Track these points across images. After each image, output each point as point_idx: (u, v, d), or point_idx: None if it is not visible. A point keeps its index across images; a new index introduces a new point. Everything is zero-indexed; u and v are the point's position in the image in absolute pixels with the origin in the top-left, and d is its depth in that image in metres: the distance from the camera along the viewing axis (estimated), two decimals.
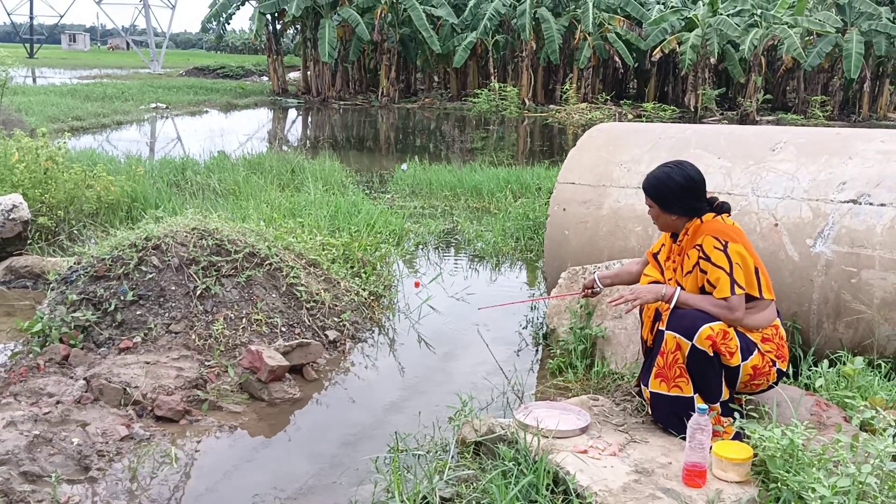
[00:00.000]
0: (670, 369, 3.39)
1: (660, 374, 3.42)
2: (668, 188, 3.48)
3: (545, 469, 3.03)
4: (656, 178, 3.53)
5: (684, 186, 3.46)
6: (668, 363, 3.39)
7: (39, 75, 39.83)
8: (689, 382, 3.36)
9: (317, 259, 5.73)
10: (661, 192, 3.50)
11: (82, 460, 3.46)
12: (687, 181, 3.47)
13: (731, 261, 3.32)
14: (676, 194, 3.47)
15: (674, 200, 3.48)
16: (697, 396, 3.36)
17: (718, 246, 3.34)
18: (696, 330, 3.29)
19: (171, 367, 4.31)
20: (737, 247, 3.36)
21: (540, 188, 9.94)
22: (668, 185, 3.48)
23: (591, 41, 30.91)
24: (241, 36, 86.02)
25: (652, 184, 3.54)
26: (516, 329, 5.53)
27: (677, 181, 3.46)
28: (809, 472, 2.83)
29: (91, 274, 4.84)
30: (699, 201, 3.49)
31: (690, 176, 3.48)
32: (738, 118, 28.55)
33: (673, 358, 3.37)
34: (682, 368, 3.36)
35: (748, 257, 3.38)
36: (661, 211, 3.54)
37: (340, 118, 26.62)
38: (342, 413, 4.25)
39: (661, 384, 3.43)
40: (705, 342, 3.28)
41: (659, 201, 3.52)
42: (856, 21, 28.75)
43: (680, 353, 3.34)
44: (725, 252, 3.33)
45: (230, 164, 10.86)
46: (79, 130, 17.48)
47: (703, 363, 3.31)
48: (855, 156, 4.59)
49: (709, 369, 3.32)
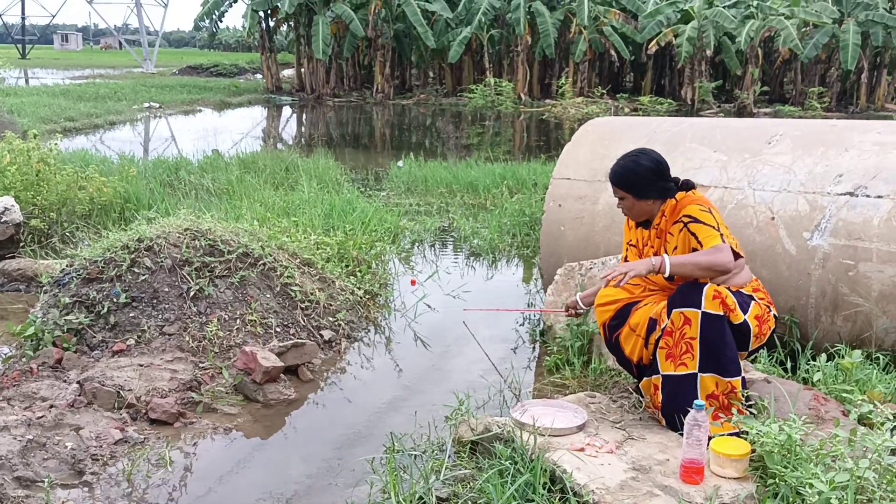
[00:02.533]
0: (677, 346, 3.34)
1: (670, 354, 3.38)
2: (639, 175, 3.51)
3: (542, 467, 3.02)
4: (624, 168, 3.56)
5: (653, 170, 3.51)
6: (676, 340, 3.34)
7: (32, 76, 39.72)
8: (695, 358, 3.30)
9: (311, 258, 5.70)
10: (633, 181, 3.53)
11: (76, 465, 3.44)
12: (655, 164, 3.52)
13: (717, 220, 3.41)
14: (648, 179, 3.50)
15: (647, 186, 3.51)
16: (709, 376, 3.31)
17: (704, 209, 3.43)
18: (700, 296, 3.27)
19: (164, 370, 4.28)
20: (717, 215, 3.46)
21: (536, 184, 9.91)
22: (638, 171, 3.51)
23: (587, 35, 30.88)
24: (234, 34, 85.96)
25: (621, 174, 3.56)
26: (513, 326, 5.51)
27: (646, 166, 3.51)
28: (807, 468, 2.82)
29: (84, 276, 4.81)
30: (669, 181, 3.55)
31: (656, 159, 3.54)
32: (735, 111, 28.53)
33: (680, 334, 3.32)
34: (690, 343, 3.30)
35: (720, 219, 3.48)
36: (636, 199, 3.55)
37: (335, 115, 26.58)
38: (338, 414, 4.22)
39: (671, 363, 3.38)
40: (713, 303, 3.26)
41: (632, 190, 3.54)
42: (852, 12, 28.72)
43: (688, 327, 3.29)
44: (711, 213, 3.43)
45: (224, 163, 10.82)
46: (71, 131, 17.42)
47: (718, 328, 3.27)
48: (851, 148, 4.56)
49: (725, 335, 3.28)
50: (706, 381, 3.32)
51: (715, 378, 3.31)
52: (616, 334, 3.65)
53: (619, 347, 3.66)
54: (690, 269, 3.34)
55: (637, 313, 3.57)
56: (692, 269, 3.34)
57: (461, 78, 34.66)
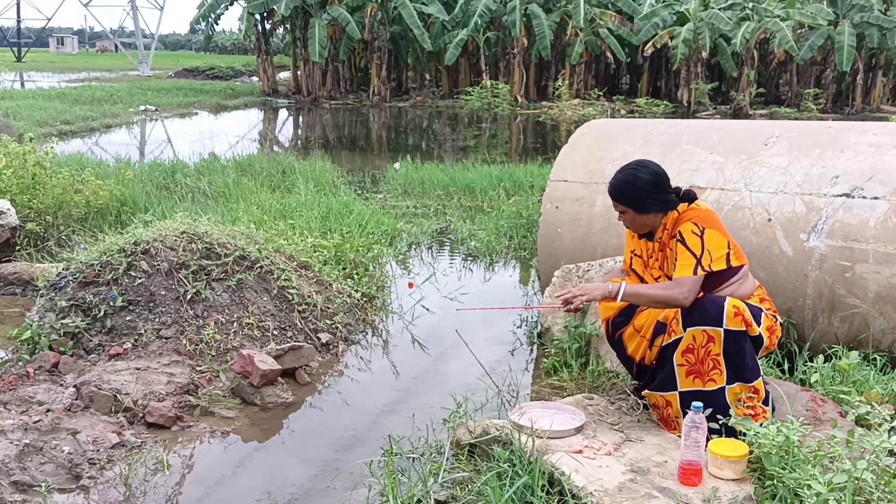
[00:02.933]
0: (703, 363, 3.31)
1: (692, 371, 3.34)
2: (638, 189, 3.44)
3: (540, 470, 3.01)
4: (623, 182, 3.48)
5: (653, 182, 3.43)
6: (701, 358, 3.31)
7: (27, 79, 39.64)
8: (723, 373, 3.30)
9: (308, 261, 5.69)
10: (633, 195, 3.46)
11: (73, 469, 3.42)
12: (654, 177, 3.44)
13: (703, 247, 3.32)
14: (648, 193, 3.43)
15: (647, 199, 3.44)
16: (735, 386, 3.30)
17: (696, 231, 3.35)
18: (722, 313, 3.24)
19: (161, 373, 4.27)
20: (713, 232, 3.36)
21: (533, 186, 9.92)
22: (637, 185, 3.44)
23: (583, 37, 30.91)
24: (230, 36, 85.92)
25: (620, 189, 3.49)
26: (510, 328, 5.50)
27: (645, 179, 3.43)
28: (805, 469, 2.82)
29: (80, 280, 4.80)
30: (669, 193, 3.47)
31: (655, 171, 3.47)
32: (731, 112, 28.58)
33: (705, 352, 3.29)
34: (716, 359, 3.29)
35: (721, 238, 3.38)
36: (637, 213, 3.49)
37: (331, 118, 26.56)
38: (335, 416, 4.22)
39: (695, 381, 3.34)
40: (735, 320, 3.23)
41: (632, 205, 3.47)
42: (847, 13, 28.82)
43: (713, 344, 3.27)
44: (701, 237, 3.34)
45: (220, 166, 10.82)
46: (67, 134, 17.40)
47: (740, 342, 3.26)
48: (847, 149, 4.57)
49: (745, 346, 3.27)
50: (733, 390, 3.32)
51: (740, 386, 3.31)
52: (619, 332, 3.66)
53: (621, 344, 3.67)
54: (645, 301, 3.43)
55: (642, 315, 3.57)
56: (647, 301, 3.42)
57: (458, 80, 34.67)
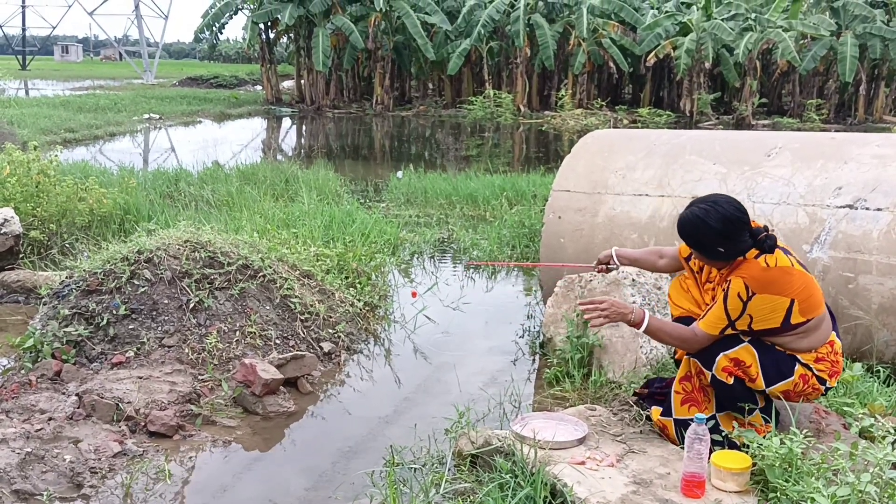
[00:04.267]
0: (698, 392, 3.35)
1: (688, 399, 3.36)
2: (704, 234, 3.12)
3: (542, 481, 3.01)
4: (690, 224, 3.15)
5: (721, 232, 3.08)
6: (696, 387, 3.35)
7: (32, 87, 39.77)
8: (711, 401, 3.33)
9: (311, 270, 5.69)
10: (698, 240, 3.16)
11: (75, 477, 3.42)
12: (723, 224, 3.08)
13: (743, 313, 3.08)
14: (714, 241, 3.10)
15: (713, 246, 3.12)
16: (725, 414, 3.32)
17: (743, 295, 3.06)
18: (714, 360, 3.19)
19: (164, 382, 4.27)
20: (765, 298, 3.05)
21: (535, 195, 9.92)
22: (703, 231, 3.11)
23: (586, 47, 30.95)
24: (235, 45, 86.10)
25: (687, 231, 3.18)
26: (513, 338, 5.50)
27: (713, 227, 3.08)
28: (808, 482, 2.81)
29: (83, 288, 4.81)
30: (741, 241, 3.11)
31: (728, 217, 3.09)
32: (733, 122, 28.59)
33: (700, 382, 3.34)
34: (706, 390, 3.33)
35: (779, 301, 3.06)
36: (704, 256, 3.21)
37: (335, 127, 26.62)
38: (337, 426, 4.21)
39: (690, 409, 3.35)
40: (722, 373, 3.20)
41: (697, 248, 3.20)
42: (850, 24, 28.83)
43: (704, 377, 3.29)
44: (746, 303, 3.06)
45: (223, 174, 10.82)
46: (71, 142, 17.43)
47: (726, 390, 3.24)
48: (850, 160, 4.57)
49: (734, 393, 3.24)
50: (723, 419, 3.33)
51: (732, 416, 3.32)
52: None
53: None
54: (661, 337, 3.31)
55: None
56: (664, 337, 3.31)
57: (460, 90, 34.72)
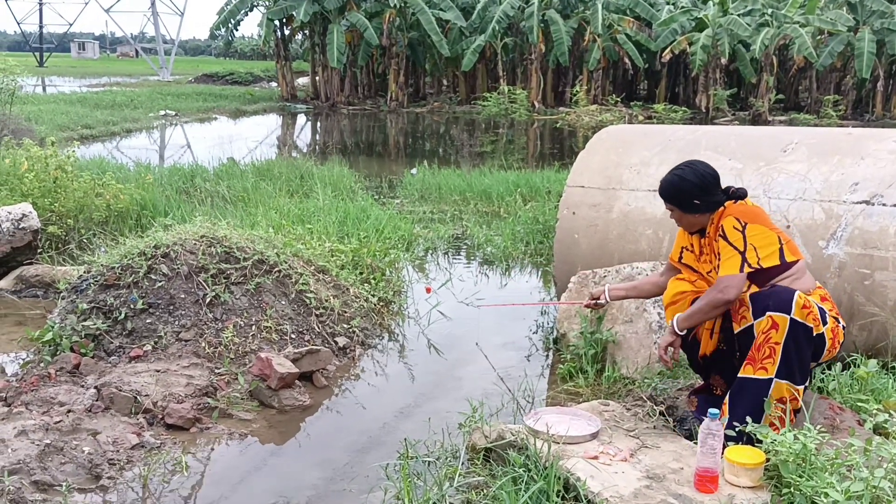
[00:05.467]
0: (759, 350, 3.27)
1: (750, 357, 3.31)
2: (684, 190, 3.51)
3: (556, 475, 3.01)
4: (670, 184, 3.56)
5: (699, 185, 3.48)
6: (758, 344, 3.27)
7: (49, 84, 40.02)
8: (776, 363, 3.24)
9: (326, 265, 5.72)
10: (678, 196, 3.53)
11: (93, 469, 3.46)
12: (700, 179, 3.49)
13: (746, 242, 3.33)
14: (693, 194, 3.49)
15: (692, 200, 3.50)
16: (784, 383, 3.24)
17: (737, 226, 3.37)
18: (791, 301, 3.21)
19: (181, 375, 4.31)
20: (757, 227, 3.36)
21: (550, 191, 9.91)
22: (683, 187, 3.51)
23: (601, 43, 30.88)
24: (250, 42, 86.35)
25: (667, 189, 3.58)
26: (526, 334, 5.51)
27: (691, 181, 3.49)
28: (822, 477, 2.80)
29: (101, 282, 4.85)
30: (716, 195, 3.50)
31: (703, 173, 3.51)
32: (750, 118, 28.45)
33: (765, 338, 3.25)
34: (774, 347, 3.23)
35: (769, 232, 3.37)
36: (683, 213, 3.56)
37: (349, 123, 26.67)
38: (352, 420, 4.24)
39: (745, 367, 3.31)
40: (802, 312, 3.19)
41: (678, 204, 3.55)
42: (868, 20, 28.61)
43: (775, 332, 3.22)
44: (743, 232, 3.35)
45: (239, 170, 10.88)
46: (88, 139, 17.55)
47: (802, 337, 3.22)
48: (867, 156, 4.55)
49: (804, 345, 3.23)
50: (780, 386, 3.25)
51: (787, 384, 3.25)
52: (693, 332, 3.62)
53: (696, 343, 3.65)
54: (698, 318, 3.46)
55: None
56: (700, 317, 3.45)
57: (475, 86, 34.72)
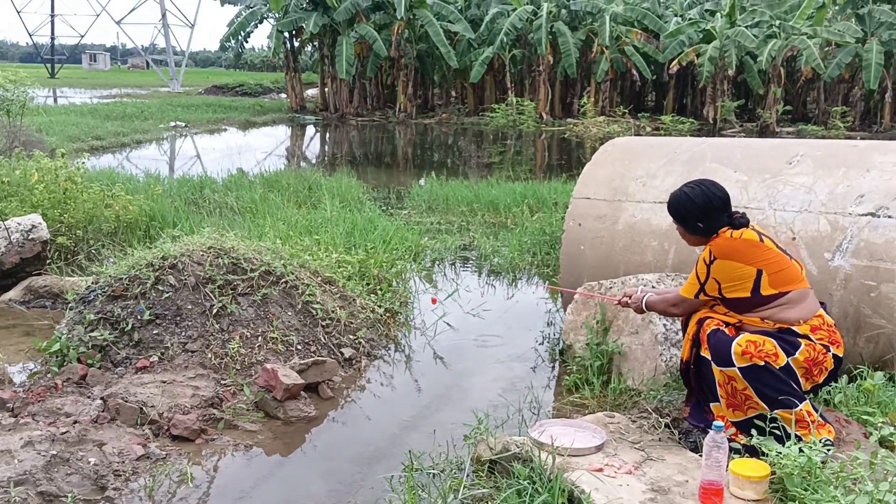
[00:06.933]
0: (735, 397, 3.37)
1: (731, 404, 3.41)
2: (687, 210, 3.55)
3: (560, 488, 3.02)
4: (678, 201, 3.59)
5: (702, 208, 3.50)
6: (731, 393, 3.38)
7: (60, 95, 40.30)
8: (759, 402, 3.31)
9: (332, 276, 5.74)
10: (681, 213, 3.58)
11: (99, 480, 3.47)
12: (705, 202, 3.50)
13: (708, 275, 3.45)
14: (695, 216, 3.52)
15: (693, 221, 3.54)
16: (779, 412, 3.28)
17: (707, 259, 3.45)
18: (729, 353, 3.31)
19: (187, 386, 4.32)
20: (727, 263, 3.40)
21: (557, 203, 9.92)
22: (688, 206, 3.54)
23: (609, 54, 30.92)
24: (260, 54, 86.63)
25: (673, 205, 3.62)
26: (532, 345, 5.51)
27: (696, 203, 3.51)
28: (827, 490, 2.80)
29: (109, 293, 4.88)
30: (719, 220, 3.51)
31: (709, 195, 3.51)
32: (757, 130, 28.40)
33: (732, 388, 3.36)
34: (745, 393, 3.33)
35: (743, 268, 3.38)
36: (685, 229, 3.62)
37: (358, 134, 26.75)
38: (357, 431, 4.24)
39: (735, 412, 3.40)
40: (743, 358, 3.28)
41: (680, 221, 3.62)
42: (876, 31, 28.54)
43: (735, 382, 3.33)
44: (709, 266, 3.44)
45: (248, 181, 10.94)
46: (98, 150, 17.65)
47: (762, 376, 3.27)
48: (873, 168, 4.55)
49: (766, 379, 3.27)
50: (781, 414, 3.28)
51: (786, 411, 3.28)
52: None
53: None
54: (658, 309, 3.83)
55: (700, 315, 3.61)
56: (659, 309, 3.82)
57: (483, 97, 34.78)
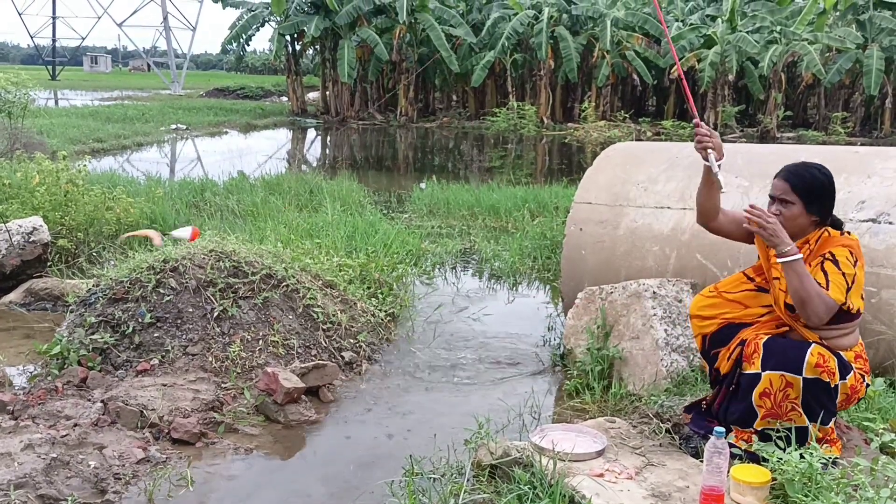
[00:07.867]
0: (780, 406, 3.21)
1: (769, 413, 3.23)
2: (819, 184, 3.25)
3: (561, 493, 3.01)
4: (808, 172, 3.27)
5: (827, 187, 3.26)
6: (778, 402, 3.20)
7: (61, 97, 40.33)
8: (802, 415, 3.19)
9: (333, 280, 5.74)
10: (811, 188, 3.24)
11: (99, 483, 3.47)
12: (830, 183, 3.27)
13: (855, 279, 3.15)
14: (827, 194, 3.26)
15: (818, 199, 3.25)
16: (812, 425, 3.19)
17: (850, 259, 3.18)
18: (802, 361, 3.12)
19: (187, 390, 4.32)
20: (862, 269, 3.21)
21: (558, 207, 9.92)
22: (818, 180, 3.25)
23: (610, 59, 30.95)
24: (261, 57, 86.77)
25: (801, 177, 3.26)
26: (533, 350, 5.51)
27: (823, 179, 3.25)
28: (828, 497, 2.79)
29: (110, 296, 4.88)
30: (831, 210, 3.30)
31: (832, 178, 3.28)
32: (758, 135, 28.40)
33: (783, 395, 3.19)
34: (795, 403, 3.18)
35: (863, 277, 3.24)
36: (804, 208, 3.25)
37: (359, 138, 26.77)
38: (358, 435, 4.24)
39: (770, 422, 3.25)
40: (814, 370, 3.11)
41: (806, 197, 3.24)
42: (876, 37, 28.56)
43: (791, 389, 3.17)
44: (856, 265, 3.19)
45: (249, 184, 10.94)
46: (99, 152, 17.65)
47: (819, 392, 3.14)
48: (874, 174, 4.55)
49: (822, 398, 3.16)
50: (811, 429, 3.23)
51: (817, 426, 3.21)
52: (716, 350, 3.50)
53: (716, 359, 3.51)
54: (796, 285, 3.10)
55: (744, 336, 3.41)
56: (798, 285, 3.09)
57: (484, 101, 34.82)
